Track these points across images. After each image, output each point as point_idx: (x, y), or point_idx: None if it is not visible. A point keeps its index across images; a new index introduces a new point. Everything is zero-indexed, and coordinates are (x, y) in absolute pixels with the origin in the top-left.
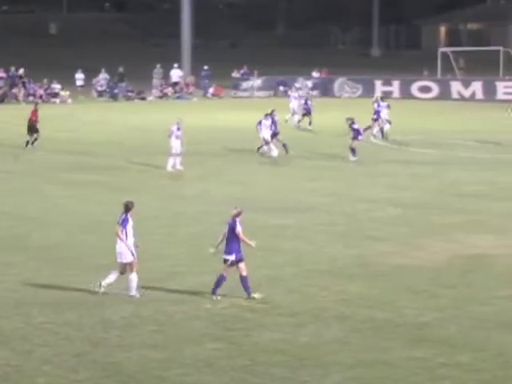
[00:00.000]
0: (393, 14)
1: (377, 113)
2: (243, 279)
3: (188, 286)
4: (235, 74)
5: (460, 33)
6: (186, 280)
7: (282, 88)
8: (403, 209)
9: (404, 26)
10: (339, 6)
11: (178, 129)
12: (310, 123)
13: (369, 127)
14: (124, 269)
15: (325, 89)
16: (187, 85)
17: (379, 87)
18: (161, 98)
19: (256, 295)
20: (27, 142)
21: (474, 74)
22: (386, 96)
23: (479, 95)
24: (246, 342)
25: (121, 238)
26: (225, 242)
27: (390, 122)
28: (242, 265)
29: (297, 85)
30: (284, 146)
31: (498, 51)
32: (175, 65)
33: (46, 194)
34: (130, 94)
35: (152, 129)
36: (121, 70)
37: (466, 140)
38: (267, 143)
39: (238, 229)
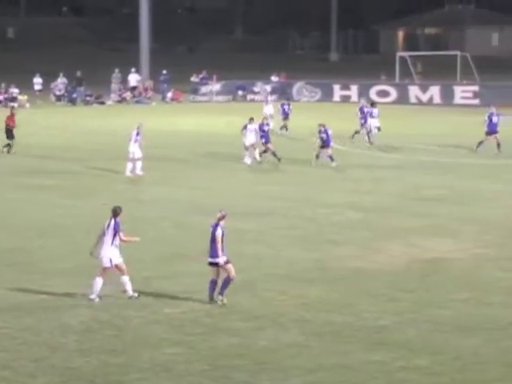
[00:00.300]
0: (351, 18)
1: (364, 117)
2: (227, 281)
3: (147, 290)
4: (194, 79)
5: (418, 37)
6: (145, 285)
7: (240, 92)
8: (363, 213)
9: (362, 31)
10: (298, 11)
11: (138, 134)
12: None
13: (356, 132)
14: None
15: (283, 93)
16: (146, 89)
17: (337, 91)
18: (119, 102)
19: (225, 300)
20: (8, 145)
21: (431, 78)
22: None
23: (437, 99)
24: (205, 346)
25: (128, 241)
26: (210, 245)
27: (378, 128)
28: (229, 266)
29: (255, 89)
30: (274, 154)
31: (456, 56)
32: (133, 69)
33: (3, 197)
34: (88, 98)
35: (111, 133)
36: (79, 74)
37: (426, 144)
38: (246, 149)
39: (217, 233)
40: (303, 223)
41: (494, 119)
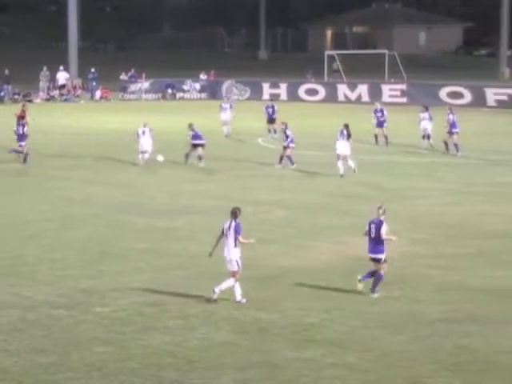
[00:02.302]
0: (280, 17)
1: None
2: (381, 278)
3: (76, 289)
4: (123, 77)
5: (346, 36)
6: (75, 283)
7: (170, 91)
8: (290, 211)
9: (291, 29)
10: (226, 9)
11: (144, 132)
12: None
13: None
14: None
15: (213, 91)
16: (74, 87)
17: (267, 90)
18: (48, 100)
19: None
20: None
21: (359, 76)
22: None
23: (365, 98)
24: (135, 345)
25: (246, 243)
26: (370, 241)
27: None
28: (385, 264)
29: (185, 87)
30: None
31: (384, 54)
32: (61, 67)
33: None
34: (16, 96)
35: (39, 131)
36: (6, 72)
37: (354, 142)
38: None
39: (384, 229)
40: None
41: (378, 115)
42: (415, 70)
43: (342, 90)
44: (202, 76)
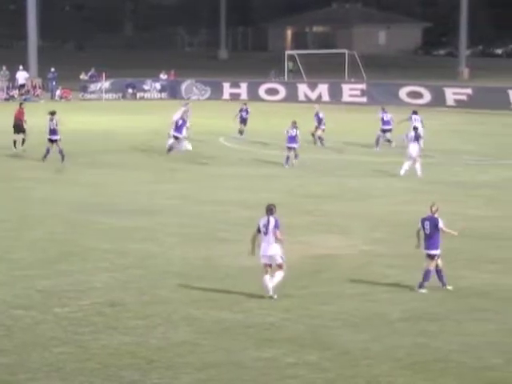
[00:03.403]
0: (240, 16)
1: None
2: (441, 271)
3: (35, 289)
4: (83, 77)
5: (306, 35)
6: (34, 284)
7: (130, 90)
8: (252, 210)
9: (251, 29)
10: (186, 8)
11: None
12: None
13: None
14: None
15: (173, 91)
16: (34, 87)
17: (227, 89)
18: (7, 100)
19: (449, 287)
20: (14, 142)
21: (320, 76)
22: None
23: (325, 97)
24: (95, 345)
25: (282, 241)
26: (427, 237)
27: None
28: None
29: (145, 87)
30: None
31: (344, 54)
32: (21, 67)
33: None
34: None
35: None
36: None
37: (315, 141)
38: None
39: (441, 224)
40: (192, 221)
41: (321, 115)
42: (375, 69)
43: (303, 89)
44: (163, 76)
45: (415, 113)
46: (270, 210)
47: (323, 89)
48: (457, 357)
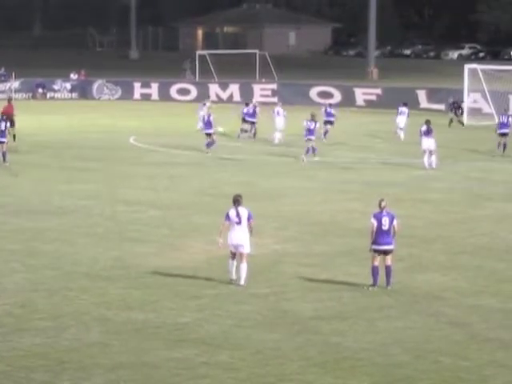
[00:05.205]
0: (150, 15)
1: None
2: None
3: None
4: None
5: (217, 35)
6: None
7: (40, 90)
8: (163, 210)
9: (162, 28)
10: (97, 7)
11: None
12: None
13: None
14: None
15: (83, 91)
16: None
17: (138, 89)
18: None
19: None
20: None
21: (231, 76)
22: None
23: (237, 97)
24: (5, 347)
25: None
26: (379, 232)
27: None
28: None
29: (55, 87)
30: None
31: (255, 54)
32: None
33: None
34: None
35: None
36: None
37: (228, 140)
38: None
39: (395, 221)
40: (103, 221)
41: (245, 110)
42: (286, 69)
43: (214, 89)
44: (73, 75)
45: (405, 105)
46: (236, 201)
47: (234, 89)
48: (367, 355)
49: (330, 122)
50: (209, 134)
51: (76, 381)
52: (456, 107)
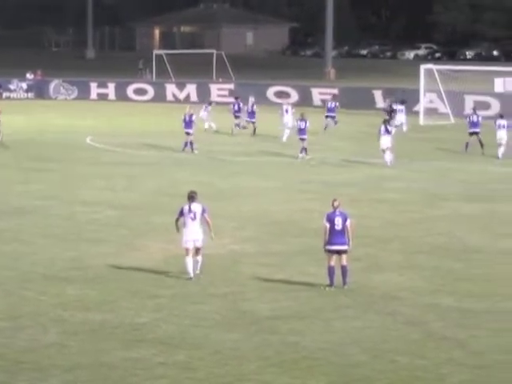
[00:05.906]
0: (107, 15)
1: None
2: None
3: None
4: None
5: (174, 35)
6: None
7: None
8: (121, 210)
9: (119, 28)
10: (53, 6)
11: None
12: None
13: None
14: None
15: (40, 91)
16: None
17: (95, 89)
18: None
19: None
20: None
21: (188, 76)
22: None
23: (194, 97)
24: None
25: (210, 224)
26: (332, 233)
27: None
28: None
29: (11, 86)
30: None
31: (212, 54)
32: None
33: None
34: None
35: None
36: None
37: (182, 141)
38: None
39: (349, 221)
40: (61, 222)
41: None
42: (243, 69)
43: (171, 89)
44: (29, 75)
45: (403, 102)
46: (191, 198)
47: (191, 89)
48: (324, 354)
49: (332, 117)
50: (188, 134)
51: (33, 381)
52: (390, 110)
